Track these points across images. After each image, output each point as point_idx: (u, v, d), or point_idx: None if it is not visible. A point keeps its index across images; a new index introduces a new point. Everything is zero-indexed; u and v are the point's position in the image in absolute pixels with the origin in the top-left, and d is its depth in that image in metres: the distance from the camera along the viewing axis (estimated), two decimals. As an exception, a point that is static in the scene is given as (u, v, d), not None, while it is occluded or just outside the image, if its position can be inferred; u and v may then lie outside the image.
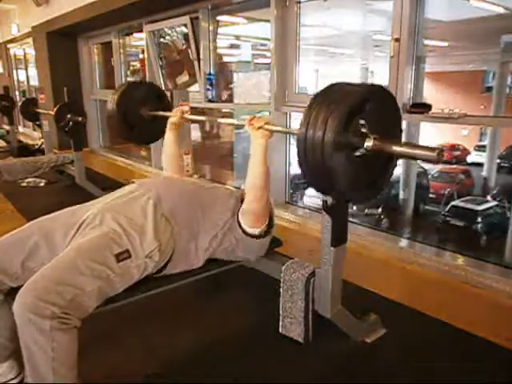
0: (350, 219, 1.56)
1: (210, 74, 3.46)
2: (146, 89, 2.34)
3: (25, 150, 5.29)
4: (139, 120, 2.22)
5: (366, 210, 5.93)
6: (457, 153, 9.21)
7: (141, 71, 4.93)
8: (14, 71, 8.31)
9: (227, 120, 1.79)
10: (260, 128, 1.51)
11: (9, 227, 1.42)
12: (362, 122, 1.11)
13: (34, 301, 1.08)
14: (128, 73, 5.05)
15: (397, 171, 1.34)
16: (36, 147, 5.43)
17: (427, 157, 1.09)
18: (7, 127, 6.08)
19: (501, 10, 3.12)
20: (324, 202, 1.41)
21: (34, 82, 6.64)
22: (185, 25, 3.49)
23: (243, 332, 1.78)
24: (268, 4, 2.65)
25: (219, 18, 3.48)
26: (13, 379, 1.39)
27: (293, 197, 3.22)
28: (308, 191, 6.36)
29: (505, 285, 1.73)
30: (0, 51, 8.18)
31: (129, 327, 1.80)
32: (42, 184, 4.19)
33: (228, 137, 4.94)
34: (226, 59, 4.28)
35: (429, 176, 7.85)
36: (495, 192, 6.92)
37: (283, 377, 1.52)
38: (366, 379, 1.51)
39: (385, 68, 2.18)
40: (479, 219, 6.02)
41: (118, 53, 4.76)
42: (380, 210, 6.05)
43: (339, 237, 1.46)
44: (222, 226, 1.53)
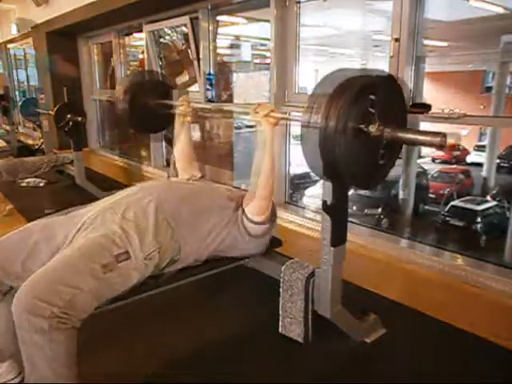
0: (350, 219, 1.57)
1: (210, 74, 3.46)
2: (151, 78, 2.38)
3: (25, 150, 5.29)
4: (146, 109, 2.24)
5: (366, 210, 5.93)
6: (456, 153, 9.21)
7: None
8: (14, 71, 8.31)
9: (232, 108, 1.80)
10: (266, 116, 1.51)
11: (8, 227, 1.42)
12: (368, 108, 1.12)
13: (33, 301, 1.08)
14: (128, 73, 5.05)
15: (396, 171, 1.35)
16: (36, 147, 5.43)
17: (431, 142, 1.10)
18: (7, 127, 6.08)
19: (500, 10, 3.13)
20: (324, 202, 1.42)
21: (34, 82, 6.63)
22: (185, 25, 3.50)
23: (243, 332, 1.78)
24: (268, 4, 2.65)
25: (219, 18, 3.48)
26: (13, 379, 1.39)
27: (292, 197, 3.22)
28: (308, 191, 6.36)
29: (504, 285, 1.73)
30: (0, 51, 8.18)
31: (129, 327, 1.80)
32: (42, 184, 4.18)
33: (228, 137, 4.93)
34: (226, 59, 4.28)
35: (428, 176, 7.84)
36: (495, 192, 6.92)
37: (283, 377, 1.52)
38: (366, 379, 1.52)
39: (385, 68, 2.18)
40: (479, 219, 6.02)
41: (118, 53, 4.75)
42: (380, 210, 6.05)
43: (339, 237, 1.46)
44: (225, 226, 1.54)
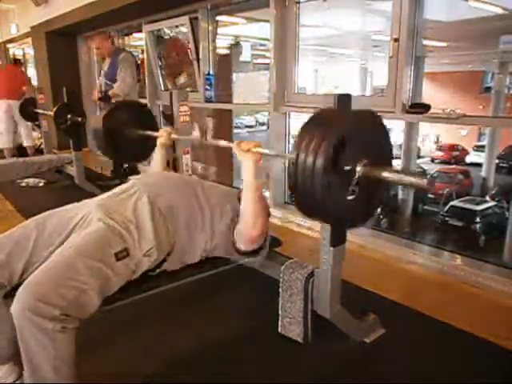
0: (350, 219, 1.57)
1: (209, 74, 3.46)
2: (134, 108, 2.36)
3: (24, 151, 5.28)
4: (126, 139, 2.22)
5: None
6: (455, 153, 9.23)
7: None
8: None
9: (217, 141, 1.78)
10: (248, 151, 1.47)
11: (8, 227, 1.41)
12: (352, 149, 1.11)
13: (35, 302, 1.08)
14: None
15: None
16: (35, 147, 5.42)
17: (418, 184, 1.08)
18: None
19: (499, 11, 3.13)
20: (323, 202, 1.42)
21: (34, 82, 6.63)
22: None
23: (243, 332, 1.78)
24: (267, 4, 2.65)
25: (218, 18, 3.49)
26: (13, 382, 1.39)
27: (292, 197, 3.22)
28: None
29: (504, 285, 1.73)
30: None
31: (129, 326, 1.79)
32: (42, 184, 4.18)
33: (227, 137, 4.93)
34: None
35: (428, 176, 7.86)
36: (494, 192, 6.93)
37: (282, 377, 1.51)
38: (366, 379, 1.52)
39: (384, 68, 2.19)
40: (478, 219, 6.03)
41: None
42: (379, 210, 6.06)
43: (338, 237, 1.46)
44: (221, 224, 1.53)
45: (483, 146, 8.11)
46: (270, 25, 2.66)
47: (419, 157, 8.09)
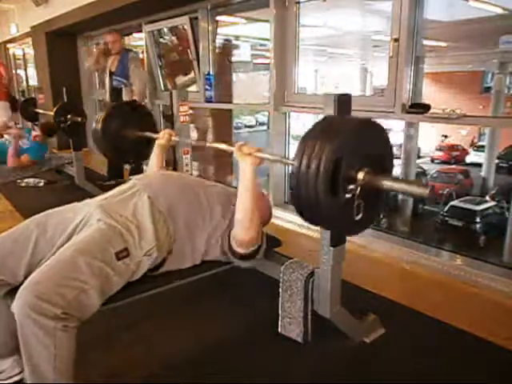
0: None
1: (209, 75, 3.46)
2: (133, 109, 2.35)
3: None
4: (125, 140, 2.22)
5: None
6: (455, 153, 9.23)
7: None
8: (14, 71, 8.30)
9: (216, 144, 1.76)
10: (249, 155, 1.45)
11: (8, 227, 1.41)
12: (354, 159, 1.11)
13: (36, 301, 1.08)
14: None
15: (396, 171, 1.35)
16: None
17: (418, 193, 1.08)
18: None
19: (499, 11, 3.13)
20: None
21: (34, 82, 6.63)
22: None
23: (242, 332, 1.78)
24: (267, 4, 2.65)
25: (218, 18, 3.49)
26: (17, 374, 1.40)
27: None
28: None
29: (503, 285, 1.73)
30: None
31: (129, 327, 1.80)
32: (42, 184, 4.18)
33: (227, 137, 4.93)
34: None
35: (428, 176, 7.85)
36: (494, 192, 6.93)
37: (282, 377, 1.52)
38: (366, 379, 1.52)
39: (384, 68, 2.18)
40: (478, 219, 6.03)
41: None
42: (379, 210, 6.05)
43: (338, 237, 1.46)
44: (221, 224, 1.53)
45: (483, 146, 8.10)
46: (270, 25, 2.66)
47: (419, 157, 8.08)
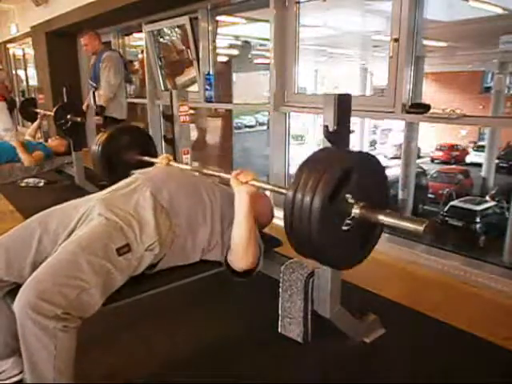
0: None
1: (209, 74, 3.46)
2: (133, 133, 2.35)
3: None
4: (123, 164, 2.20)
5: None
6: (455, 153, 9.23)
7: (140, 71, 4.94)
8: (14, 71, 8.30)
9: (213, 172, 1.75)
10: (246, 183, 1.42)
11: (8, 227, 1.41)
12: (348, 195, 1.11)
13: (37, 301, 1.08)
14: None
15: (395, 171, 1.35)
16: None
17: (413, 230, 1.08)
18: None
19: (499, 11, 3.13)
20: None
21: (34, 82, 6.63)
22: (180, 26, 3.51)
23: (242, 332, 1.78)
24: (267, 4, 2.65)
25: (218, 18, 3.49)
26: (17, 375, 1.40)
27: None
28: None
29: (503, 285, 1.73)
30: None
31: (129, 326, 1.80)
32: (42, 184, 4.18)
33: (227, 136, 4.94)
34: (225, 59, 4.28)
35: (428, 176, 7.86)
36: (494, 192, 6.93)
37: (282, 377, 1.52)
38: (366, 379, 1.52)
39: (384, 68, 2.19)
40: (478, 219, 6.03)
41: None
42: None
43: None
44: (220, 224, 1.53)
45: (483, 146, 8.11)
46: (270, 25, 2.66)
47: (419, 157, 8.09)
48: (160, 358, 1.62)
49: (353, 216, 1.13)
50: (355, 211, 1.13)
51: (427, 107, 2.02)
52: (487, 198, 6.77)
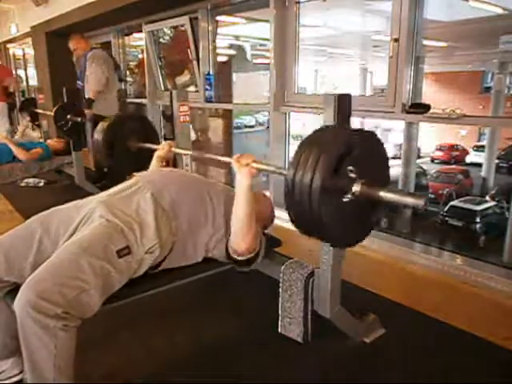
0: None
1: (209, 74, 3.46)
2: (136, 121, 2.36)
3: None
4: (125, 151, 2.23)
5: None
6: (455, 153, 9.23)
7: (139, 71, 4.94)
8: (14, 71, 8.29)
9: (215, 156, 1.76)
10: (247, 165, 1.44)
11: (8, 227, 1.42)
12: (350, 168, 1.11)
13: (37, 300, 1.08)
14: (127, 72, 5.05)
15: (395, 171, 1.35)
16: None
17: (414, 204, 1.09)
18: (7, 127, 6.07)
19: (499, 11, 3.13)
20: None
21: (34, 82, 6.63)
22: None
23: (242, 332, 1.78)
24: (267, 4, 2.65)
25: (218, 18, 3.49)
26: (17, 375, 1.40)
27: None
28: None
29: (503, 284, 1.73)
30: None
31: (129, 327, 1.80)
32: (42, 184, 4.18)
33: (227, 136, 4.94)
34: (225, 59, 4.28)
35: (428, 176, 7.85)
36: (494, 192, 6.93)
37: (282, 377, 1.52)
38: (366, 379, 1.52)
39: (384, 68, 2.19)
40: (478, 219, 6.03)
41: (118, 53, 4.76)
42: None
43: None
44: (223, 224, 1.54)
45: (483, 146, 8.10)
46: (270, 25, 2.66)
47: (419, 157, 8.09)
48: (159, 358, 1.62)
49: (353, 192, 1.13)
50: (356, 188, 1.13)
51: (427, 107, 2.01)
52: (487, 198, 6.77)
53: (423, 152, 9.06)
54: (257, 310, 1.92)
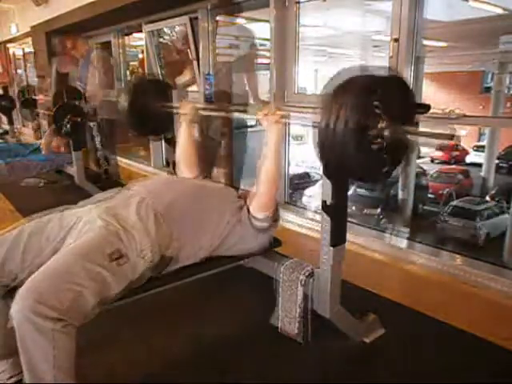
0: (349, 219, 1.57)
1: (209, 74, 3.46)
2: (155, 83, 2.40)
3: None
4: (149, 113, 2.24)
5: (365, 210, 5.93)
6: (455, 153, 9.22)
7: (139, 71, 4.93)
8: (14, 71, 8.29)
9: (238, 114, 1.83)
10: (273, 115, 1.56)
11: (7, 227, 1.41)
12: (377, 104, 1.15)
13: (34, 304, 1.08)
14: (127, 72, 5.04)
15: (396, 171, 1.36)
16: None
17: (444, 137, 1.17)
18: (7, 127, 6.08)
19: (499, 11, 3.14)
20: (323, 202, 1.42)
21: (33, 82, 6.62)
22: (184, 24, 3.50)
23: (242, 332, 1.78)
24: (267, 4, 2.65)
25: (218, 18, 3.48)
26: (16, 375, 1.40)
27: (292, 197, 3.22)
28: (307, 191, 6.36)
29: (503, 285, 1.73)
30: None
31: (129, 327, 1.80)
32: (42, 184, 4.18)
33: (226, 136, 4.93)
34: (226, 59, 4.28)
35: (428, 176, 7.85)
36: (494, 192, 6.93)
37: (282, 377, 1.52)
38: (365, 379, 1.52)
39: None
40: (478, 219, 6.03)
41: (118, 53, 4.75)
42: (379, 210, 6.05)
43: (338, 237, 1.46)
44: (229, 223, 1.54)
45: (483, 146, 8.10)
46: (270, 25, 2.66)
47: (419, 157, 8.08)
48: (160, 358, 1.62)
49: (379, 128, 1.16)
50: (381, 125, 1.16)
51: (427, 107, 2.01)
52: (487, 198, 6.77)
53: (423, 152, 9.06)
54: (256, 310, 1.92)
